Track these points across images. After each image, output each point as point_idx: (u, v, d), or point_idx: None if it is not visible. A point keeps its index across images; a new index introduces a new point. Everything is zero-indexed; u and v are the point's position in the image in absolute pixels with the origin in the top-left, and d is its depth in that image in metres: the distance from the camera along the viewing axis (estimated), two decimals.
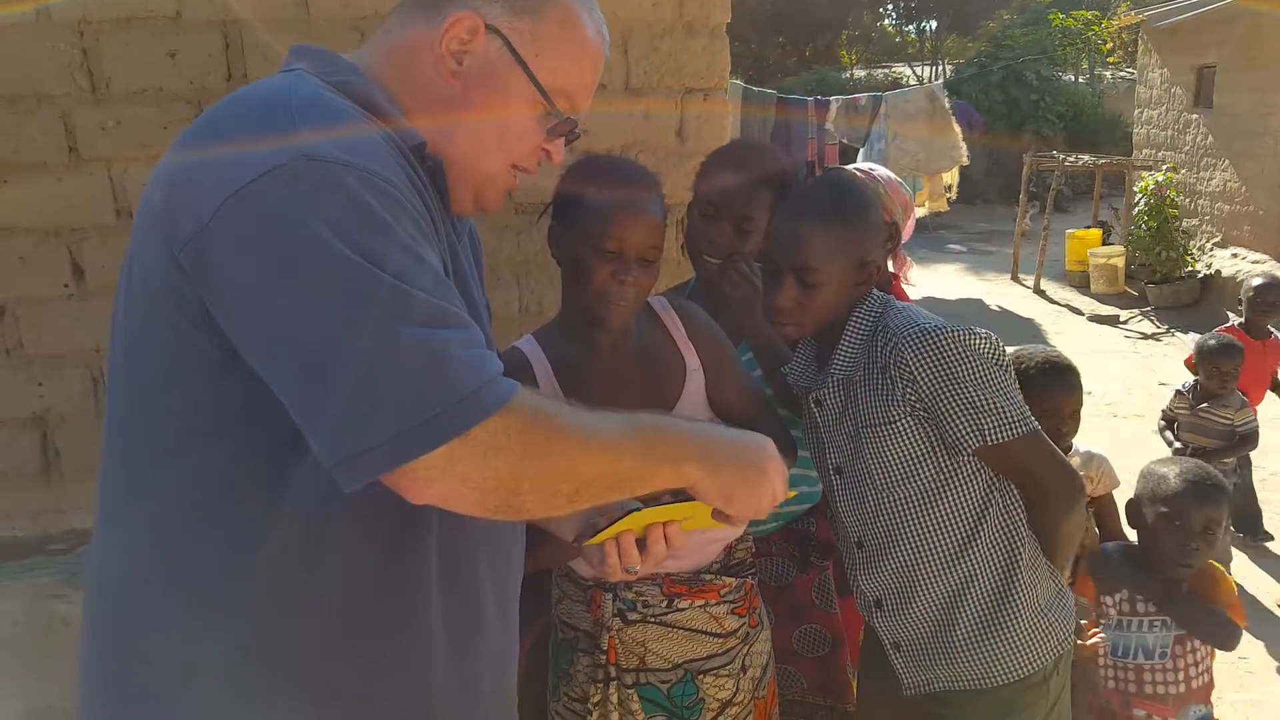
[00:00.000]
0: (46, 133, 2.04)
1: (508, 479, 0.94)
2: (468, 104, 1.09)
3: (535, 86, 1.09)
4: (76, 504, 2.16)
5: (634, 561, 1.18)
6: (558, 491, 0.98)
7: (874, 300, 1.62)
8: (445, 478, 0.91)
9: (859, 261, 1.58)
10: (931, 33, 23.96)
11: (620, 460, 1.02)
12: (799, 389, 1.73)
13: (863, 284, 1.60)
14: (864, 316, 1.60)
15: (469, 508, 0.96)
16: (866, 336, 1.60)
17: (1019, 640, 1.58)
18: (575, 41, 1.12)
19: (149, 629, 1.03)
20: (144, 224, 1.00)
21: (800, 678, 2.04)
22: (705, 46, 2.40)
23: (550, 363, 1.63)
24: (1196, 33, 9.97)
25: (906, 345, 1.51)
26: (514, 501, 0.96)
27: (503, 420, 0.91)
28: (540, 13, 1.09)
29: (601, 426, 1.01)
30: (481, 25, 1.07)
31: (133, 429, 1.03)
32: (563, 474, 0.98)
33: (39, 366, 2.13)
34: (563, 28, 1.11)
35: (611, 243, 1.52)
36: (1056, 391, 2.24)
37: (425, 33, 1.08)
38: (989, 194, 15.45)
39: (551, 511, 1.02)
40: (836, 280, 1.57)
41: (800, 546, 2.01)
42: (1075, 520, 1.61)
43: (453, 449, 0.89)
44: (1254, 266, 8.86)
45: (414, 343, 0.88)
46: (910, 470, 1.56)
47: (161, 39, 2.06)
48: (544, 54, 1.09)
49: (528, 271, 2.37)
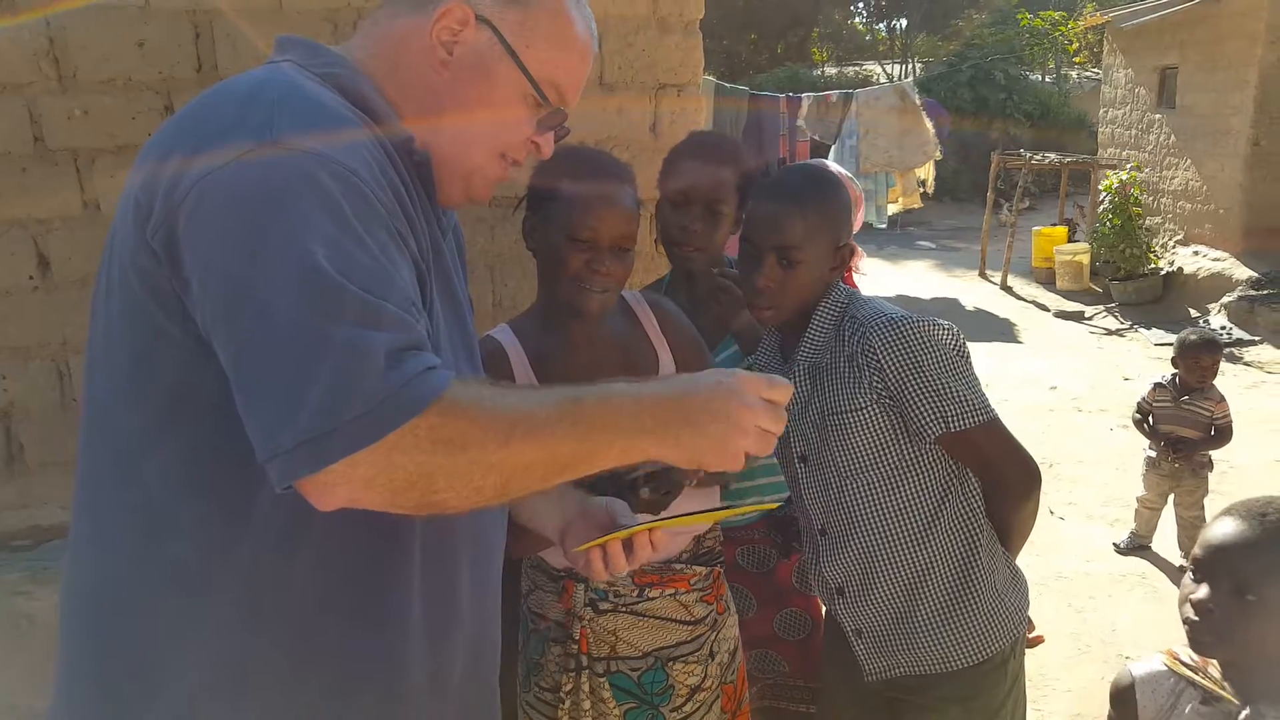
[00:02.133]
0: (12, 122, 2.00)
1: (419, 479, 0.90)
2: (457, 94, 1.10)
3: (525, 77, 1.10)
4: (41, 499, 2.14)
5: (621, 568, 1.18)
6: (481, 486, 0.93)
7: (839, 292, 1.65)
8: (346, 483, 0.88)
9: (834, 243, 1.62)
10: (901, 31, 24.15)
11: (555, 446, 0.95)
12: None
13: (836, 268, 1.64)
14: (830, 307, 1.63)
15: (380, 506, 0.92)
16: (833, 326, 1.63)
17: (979, 623, 1.62)
18: (565, 34, 1.13)
19: (124, 622, 1.02)
20: (122, 213, 0.99)
21: (781, 661, 2.08)
22: (679, 43, 2.41)
23: (527, 352, 1.63)
24: (1160, 34, 10.14)
25: (874, 334, 1.54)
26: (432, 499, 0.92)
27: (413, 422, 0.87)
28: (530, 5, 1.10)
29: (536, 411, 0.95)
30: (472, 15, 1.08)
31: (108, 421, 1.02)
32: (484, 468, 0.92)
33: (3, 359, 2.10)
34: (553, 20, 1.12)
35: (586, 232, 1.53)
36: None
37: (415, 22, 1.09)
38: (958, 191, 15.63)
39: (480, 504, 0.96)
40: (815, 261, 1.60)
41: (783, 533, 2.04)
42: (1031, 507, 1.65)
43: (352, 456, 0.86)
44: (1215, 264, 9.05)
45: (341, 344, 0.86)
46: (874, 458, 1.59)
47: (130, 28, 2.03)
48: (534, 45, 1.10)
49: (502, 264, 2.37)
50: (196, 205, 0.90)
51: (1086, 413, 6.35)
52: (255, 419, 0.88)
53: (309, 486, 0.88)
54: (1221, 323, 8.11)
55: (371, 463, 0.87)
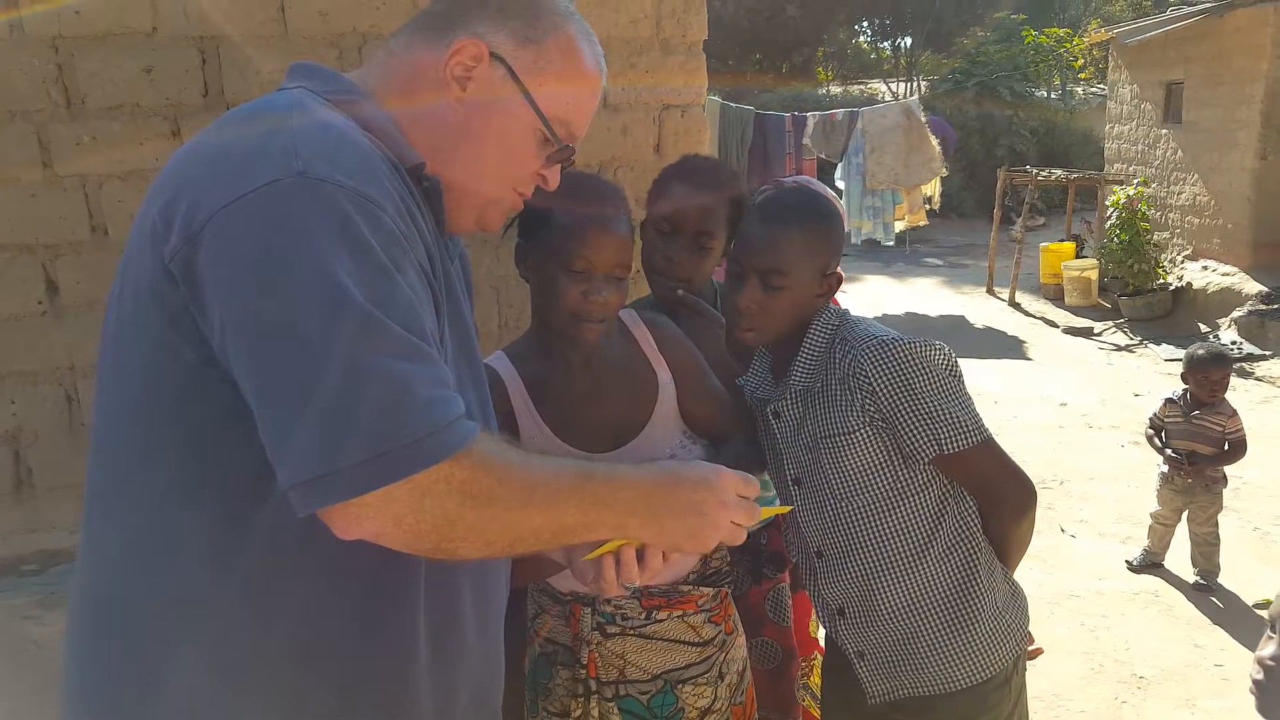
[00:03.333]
0: (21, 148, 2.02)
1: (442, 525, 0.92)
2: (469, 128, 1.11)
3: (536, 114, 1.11)
4: (50, 523, 2.14)
5: (633, 576, 1.17)
6: (492, 543, 0.97)
7: (831, 313, 1.64)
8: (378, 517, 0.90)
9: (822, 270, 1.61)
10: (906, 50, 24.24)
11: (563, 516, 1.00)
12: (754, 401, 1.74)
13: (821, 295, 1.63)
14: (822, 328, 1.63)
15: (398, 546, 0.94)
16: (824, 348, 1.62)
17: (981, 642, 1.61)
18: (576, 72, 1.14)
19: (125, 639, 1.02)
20: (138, 236, 1.00)
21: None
22: (683, 64, 2.42)
23: (523, 380, 1.62)
24: (1164, 49, 10.16)
25: (866, 357, 1.54)
26: (446, 546, 0.94)
27: (448, 467, 0.90)
28: (543, 42, 1.11)
29: (552, 480, 1.00)
30: (486, 52, 1.09)
31: (115, 440, 1.03)
32: (501, 527, 0.96)
33: (12, 384, 2.11)
34: (564, 58, 1.13)
35: (581, 262, 1.51)
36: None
37: (429, 56, 1.10)
38: (964, 208, 15.63)
39: (485, 557, 1.00)
40: (800, 286, 1.59)
41: (752, 559, 2.01)
42: (1027, 524, 1.64)
43: (390, 491, 0.88)
44: (1224, 279, 9.01)
45: (380, 374, 0.88)
46: (867, 480, 1.58)
47: (138, 55, 2.05)
48: (546, 83, 1.12)
49: (507, 286, 2.38)
50: (219, 233, 0.90)
51: (1097, 429, 6.31)
52: (285, 445, 0.88)
53: (338, 513, 0.89)
54: (1232, 337, 8.07)
55: (405, 501, 0.89)
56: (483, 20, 1.10)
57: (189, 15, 2.06)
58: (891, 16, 23.05)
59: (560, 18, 1.14)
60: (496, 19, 1.10)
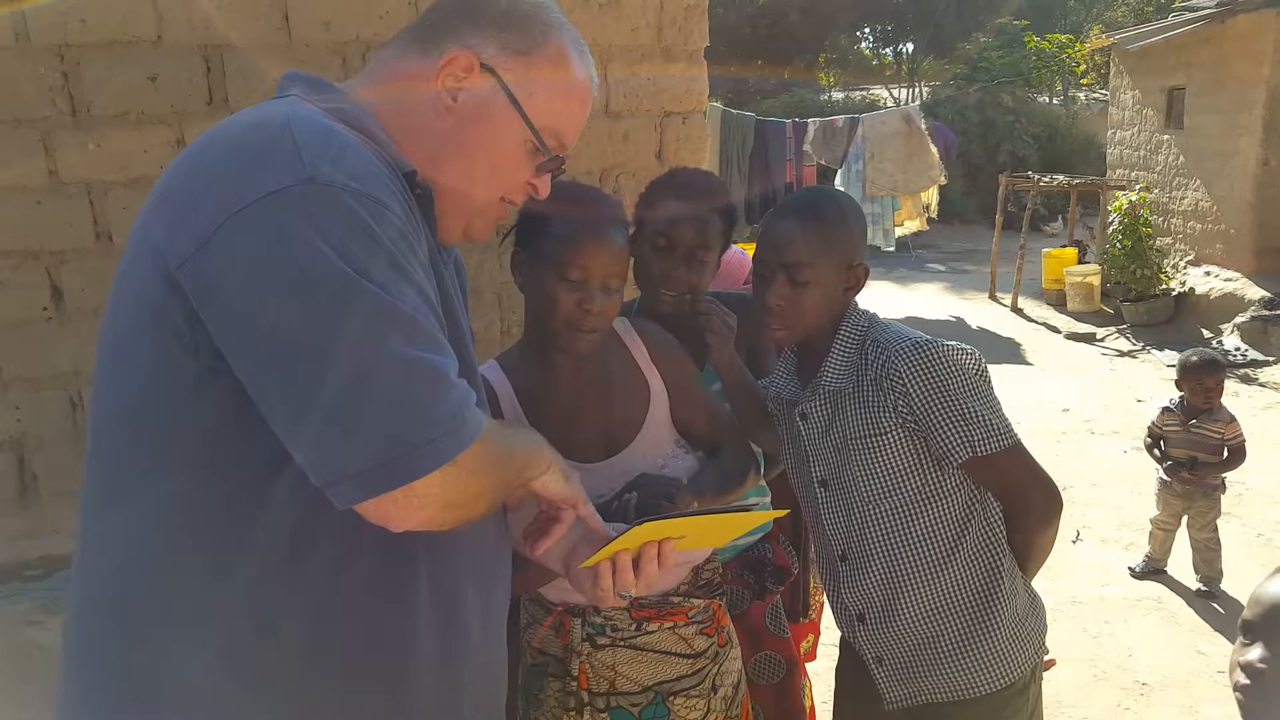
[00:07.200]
0: (27, 156, 2.03)
1: (473, 498, 1.00)
2: (460, 138, 1.12)
3: (526, 125, 1.12)
4: (53, 528, 2.15)
5: (629, 584, 1.17)
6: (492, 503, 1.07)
7: (860, 315, 1.65)
8: (433, 504, 0.94)
9: (847, 263, 1.62)
10: (908, 55, 24.26)
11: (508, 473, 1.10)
12: (780, 403, 1.74)
13: (849, 288, 1.64)
14: (852, 329, 1.63)
15: (446, 526, 0.99)
16: (855, 349, 1.62)
17: (1001, 649, 1.60)
18: (566, 83, 1.15)
19: (123, 646, 1.02)
20: (137, 244, 1.00)
21: (756, 706, 2.01)
22: (684, 71, 2.43)
23: (514, 388, 1.62)
24: (1166, 55, 10.16)
25: (899, 358, 1.54)
26: (465, 516, 1.01)
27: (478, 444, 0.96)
28: (534, 54, 1.12)
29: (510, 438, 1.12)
30: (477, 63, 1.10)
31: (113, 448, 1.03)
32: (496, 486, 1.05)
33: (17, 390, 2.12)
34: (555, 69, 1.14)
35: (576, 272, 1.51)
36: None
37: (421, 66, 1.11)
38: (967, 214, 15.63)
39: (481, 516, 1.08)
40: (826, 279, 1.59)
41: (756, 574, 2.00)
42: (1052, 532, 1.64)
43: (444, 474, 0.93)
44: (1227, 284, 9.01)
45: (420, 364, 0.92)
46: (897, 482, 1.58)
47: (143, 63, 2.07)
48: (536, 94, 1.12)
49: (509, 293, 2.38)
50: (232, 239, 0.91)
51: (1099, 435, 6.30)
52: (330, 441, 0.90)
53: (391, 502, 0.92)
54: (1235, 343, 8.05)
55: (456, 484, 0.95)
56: (474, 32, 1.11)
57: (194, 24, 2.07)
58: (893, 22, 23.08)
59: (551, 28, 1.14)
60: (487, 30, 1.11)
